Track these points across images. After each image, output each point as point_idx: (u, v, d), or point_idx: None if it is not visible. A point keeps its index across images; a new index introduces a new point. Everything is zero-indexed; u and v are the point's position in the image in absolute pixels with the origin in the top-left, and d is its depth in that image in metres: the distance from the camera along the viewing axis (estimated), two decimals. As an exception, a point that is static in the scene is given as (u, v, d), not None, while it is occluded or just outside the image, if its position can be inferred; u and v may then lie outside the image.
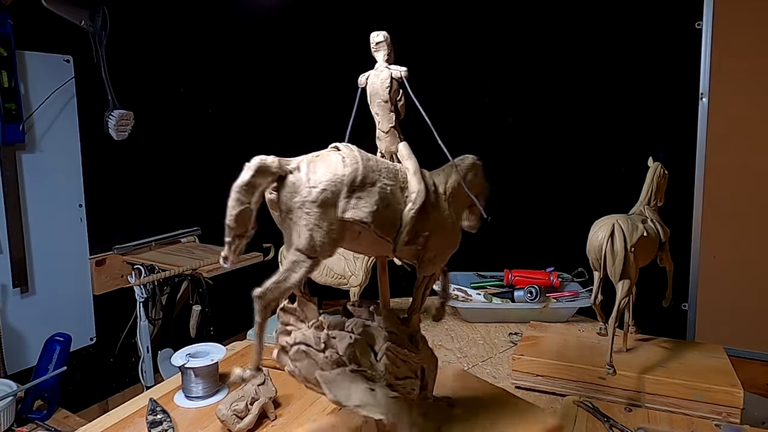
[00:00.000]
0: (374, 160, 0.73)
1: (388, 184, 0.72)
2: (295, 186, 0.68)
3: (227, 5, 2.62)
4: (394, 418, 0.75)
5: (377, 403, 0.75)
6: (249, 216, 0.66)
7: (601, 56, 2.45)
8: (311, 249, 0.68)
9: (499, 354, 1.33)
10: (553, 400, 1.07)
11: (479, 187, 0.87)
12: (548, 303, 1.50)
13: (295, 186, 0.68)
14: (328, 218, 0.68)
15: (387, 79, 0.77)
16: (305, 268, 0.68)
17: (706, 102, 2.26)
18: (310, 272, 0.69)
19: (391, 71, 0.77)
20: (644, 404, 1.02)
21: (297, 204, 0.68)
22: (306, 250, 0.68)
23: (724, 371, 1.04)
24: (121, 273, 2.16)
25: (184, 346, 1.19)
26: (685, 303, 2.35)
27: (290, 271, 0.68)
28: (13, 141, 1.82)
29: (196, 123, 2.49)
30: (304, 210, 0.68)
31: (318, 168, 0.69)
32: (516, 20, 2.62)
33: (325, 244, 0.68)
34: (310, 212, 0.68)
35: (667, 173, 1.23)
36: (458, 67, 2.75)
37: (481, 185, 0.87)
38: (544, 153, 2.62)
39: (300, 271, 0.68)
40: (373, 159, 0.74)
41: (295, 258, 0.69)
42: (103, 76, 2.01)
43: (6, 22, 1.75)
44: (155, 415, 1.02)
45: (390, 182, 0.72)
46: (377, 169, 0.72)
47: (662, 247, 1.17)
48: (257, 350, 0.71)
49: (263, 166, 0.67)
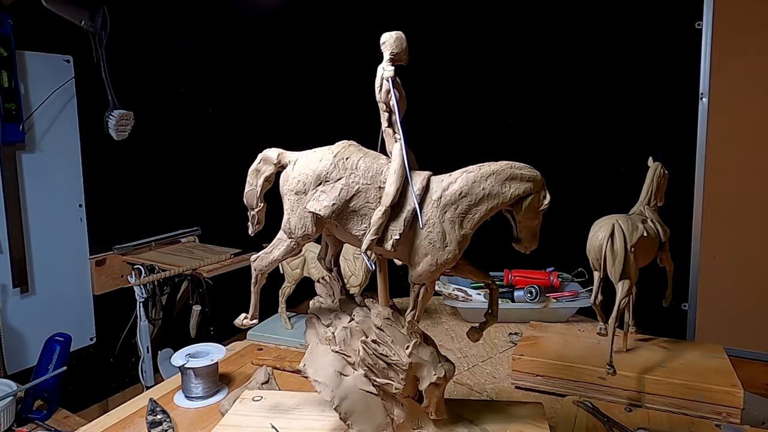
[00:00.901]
0: (355, 159, 0.77)
1: (357, 183, 0.77)
2: (285, 175, 0.81)
3: (227, 5, 2.62)
4: (349, 407, 0.78)
5: (336, 386, 0.79)
6: (254, 195, 0.83)
7: (601, 56, 2.45)
8: (288, 231, 0.81)
9: (499, 354, 1.33)
10: (553, 401, 1.07)
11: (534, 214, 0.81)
12: (548, 303, 1.50)
13: (286, 175, 0.81)
14: (301, 206, 0.79)
15: (378, 79, 0.77)
16: (285, 246, 0.81)
17: (706, 102, 2.25)
18: (290, 251, 0.81)
19: (382, 71, 0.77)
20: (644, 404, 1.02)
21: (284, 191, 0.81)
22: (285, 231, 0.81)
23: (724, 371, 1.04)
24: (121, 273, 2.16)
25: (184, 346, 1.19)
26: (685, 303, 2.35)
27: (274, 247, 0.82)
28: (13, 141, 1.82)
29: (196, 123, 2.49)
30: (287, 197, 0.80)
31: (303, 161, 0.80)
32: (516, 20, 2.62)
33: (298, 228, 0.80)
34: (290, 199, 0.80)
35: (667, 173, 1.23)
36: (458, 67, 2.75)
37: (535, 213, 0.81)
38: (544, 153, 2.62)
39: (281, 247, 0.82)
40: (355, 158, 0.77)
41: (279, 236, 0.82)
42: (103, 76, 2.01)
43: (6, 22, 1.75)
44: (155, 415, 1.02)
45: (361, 181, 0.77)
46: (350, 167, 0.77)
47: (662, 247, 1.17)
48: (254, 303, 0.85)
49: (266, 156, 0.84)
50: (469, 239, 0.77)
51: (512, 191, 0.76)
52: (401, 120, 0.77)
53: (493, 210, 0.76)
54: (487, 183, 0.76)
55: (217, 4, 2.56)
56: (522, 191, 0.76)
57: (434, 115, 2.53)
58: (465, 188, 0.75)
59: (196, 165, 2.48)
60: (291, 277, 1.41)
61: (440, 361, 0.81)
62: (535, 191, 0.77)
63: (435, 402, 0.81)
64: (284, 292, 1.43)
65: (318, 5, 2.92)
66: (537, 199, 0.78)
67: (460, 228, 0.76)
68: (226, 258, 2.10)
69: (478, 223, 0.77)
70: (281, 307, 1.46)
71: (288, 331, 1.44)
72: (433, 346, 0.83)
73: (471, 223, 0.76)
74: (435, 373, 0.79)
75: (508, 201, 0.76)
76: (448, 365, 0.82)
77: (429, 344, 0.83)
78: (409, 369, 0.79)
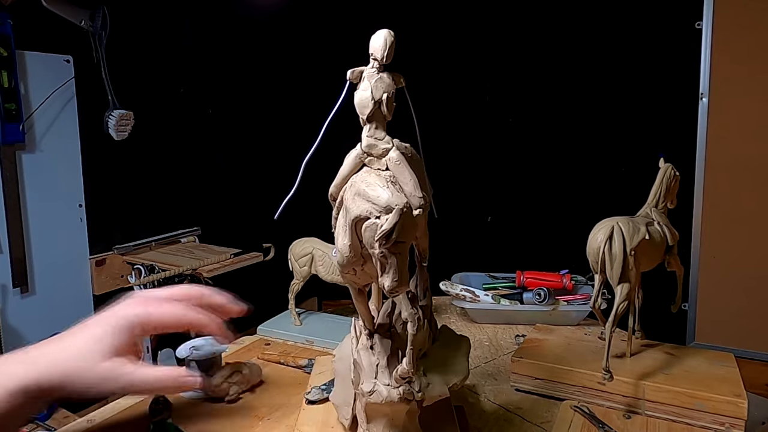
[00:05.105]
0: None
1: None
2: None
3: (227, 5, 2.62)
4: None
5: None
6: None
7: (601, 56, 2.45)
8: None
9: (503, 356, 1.33)
10: (551, 404, 1.07)
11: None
12: (557, 305, 1.49)
13: None
14: None
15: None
16: None
17: (706, 102, 2.26)
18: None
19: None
20: (644, 412, 1.01)
21: None
22: None
23: (729, 380, 1.01)
24: (121, 273, 2.16)
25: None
26: (685, 303, 2.35)
27: None
28: (13, 141, 1.82)
29: (196, 123, 2.49)
30: None
31: None
32: (516, 20, 2.62)
33: None
34: None
35: (678, 175, 1.19)
36: (458, 67, 2.75)
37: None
38: (544, 153, 2.62)
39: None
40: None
41: None
42: (103, 76, 2.01)
43: (6, 22, 1.75)
44: (157, 404, 1.04)
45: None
46: None
47: (670, 251, 1.14)
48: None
49: None
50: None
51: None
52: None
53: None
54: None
55: (217, 4, 2.55)
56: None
57: (434, 115, 2.53)
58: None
59: (196, 165, 2.48)
60: (299, 274, 1.42)
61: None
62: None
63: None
64: (293, 288, 1.44)
65: (318, 5, 2.92)
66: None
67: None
68: (226, 258, 2.10)
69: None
70: (291, 304, 1.47)
71: (296, 327, 1.45)
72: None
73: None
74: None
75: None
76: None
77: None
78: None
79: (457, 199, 2.63)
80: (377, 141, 0.72)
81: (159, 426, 0.98)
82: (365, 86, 0.71)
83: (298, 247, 1.42)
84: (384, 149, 0.72)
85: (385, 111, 0.72)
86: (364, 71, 0.72)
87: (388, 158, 0.72)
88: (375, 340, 0.78)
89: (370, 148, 0.73)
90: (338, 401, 0.88)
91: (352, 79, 0.72)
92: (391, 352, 0.76)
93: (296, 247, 1.42)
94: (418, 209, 0.68)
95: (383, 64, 0.71)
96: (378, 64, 0.71)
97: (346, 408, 0.85)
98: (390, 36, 0.71)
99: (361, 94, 0.71)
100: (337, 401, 0.89)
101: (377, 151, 0.72)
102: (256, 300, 0.86)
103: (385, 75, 0.72)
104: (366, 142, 0.73)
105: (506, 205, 2.71)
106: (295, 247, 1.43)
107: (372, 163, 0.73)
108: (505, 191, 2.71)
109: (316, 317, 1.53)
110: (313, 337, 1.38)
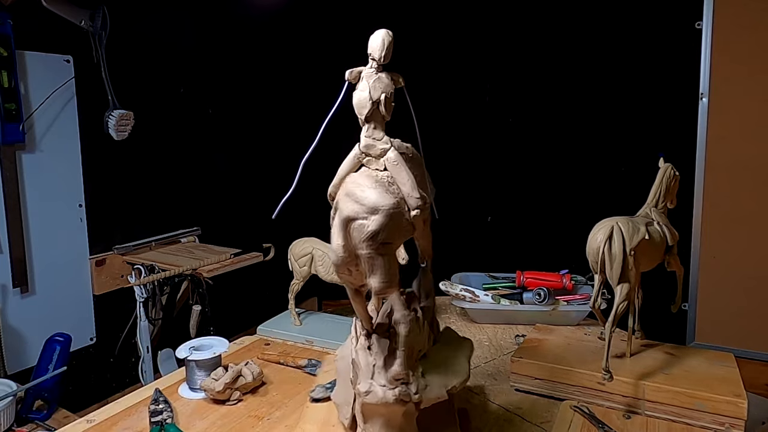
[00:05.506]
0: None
1: None
2: None
3: (227, 5, 2.61)
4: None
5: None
6: None
7: (601, 56, 2.44)
8: None
9: (503, 356, 1.33)
10: (551, 404, 1.07)
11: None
12: (557, 305, 1.49)
13: None
14: None
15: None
16: None
17: (706, 102, 2.25)
18: None
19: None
20: (644, 412, 1.01)
21: None
22: None
23: (729, 380, 1.01)
24: (121, 273, 2.16)
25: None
26: (685, 303, 2.35)
27: None
28: (13, 141, 1.82)
29: (196, 123, 2.48)
30: None
31: None
32: (516, 20, 2.61)
33: None
34: None
35: (678, 175, 1.19)
36: (458, 67, 2.75)
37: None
38: (544, 153, 2.62)
39: None
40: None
41: None
42: (103, 76, 2.01)
43: (6, 22, 1.75)
44: (157, 404, 1.05)
45: None
46: None
47: (670, 251, 1.14)
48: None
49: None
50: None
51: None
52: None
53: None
54: None
55: (217, 4, 2.55)
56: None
57: (434, 115, 2.53)
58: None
59: (196, 165, 2.48)
60: (299, 274, 1.42)
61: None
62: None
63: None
64: (293, 288, 1.44)
65: (318, 5, 2.91)
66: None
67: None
68: (226, 258, 2.10)
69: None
70: (291, 304, 1.47)
71: (296, 327, 1.45)
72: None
73: None
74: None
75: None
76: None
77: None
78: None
79: (457, 199, 2.63)
80: (375, 141, 0.72)
81: (159, 426, 0.98)
82: (363, 86, 0.71)
83: (297, 247, 1.42)
84: (382, 149, 0.72)
85: (384, 111, 0.72)
86: (362, 71, 0.72)
87: (385, 158, 0.72)
88: (373, 341, 0.78)
89: (368, 149, 0.73)
90: (339, 400, 0.89)
91: (350, 80, 0.72)
92: (389, 353, 0.76)
93: (296, 247, 1.43)
94: (416, 210, 0.68)
95: (381, 64, 0.71)
96: (376, 64, 0.71)
97: (346, 407, 0.85)
98: (388, 36, 0.71)
99: (360, 95, 0.71)
100: (338, 400, 0.89)
101: (375, 152, 0.72)
102: (256, 300, 0.86)
103: (384, 75, 0.72)
104: (364, 143, 0.73)
105: (506, 205, 2.71)
106: (294, 247, 1.43)
107: (370, 163, 0.73)
108: (505, 191, 2.70)
109: (316, 317, 1.53)
110: (312, 337, 1.39)
